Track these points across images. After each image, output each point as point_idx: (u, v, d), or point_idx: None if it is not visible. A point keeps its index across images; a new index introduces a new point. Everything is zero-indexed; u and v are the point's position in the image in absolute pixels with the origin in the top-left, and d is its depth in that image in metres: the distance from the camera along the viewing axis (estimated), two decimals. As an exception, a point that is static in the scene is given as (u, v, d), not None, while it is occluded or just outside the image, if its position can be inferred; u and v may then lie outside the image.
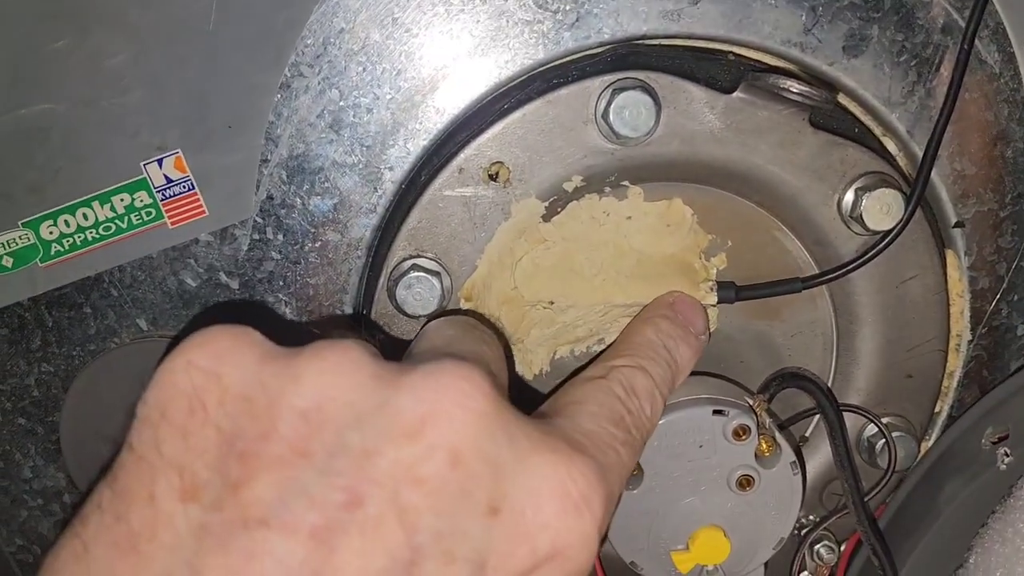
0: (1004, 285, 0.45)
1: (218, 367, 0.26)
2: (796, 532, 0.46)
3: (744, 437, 0.40)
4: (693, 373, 0.43)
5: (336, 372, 0.26)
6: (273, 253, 0.42)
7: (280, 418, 0.25)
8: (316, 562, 0.23)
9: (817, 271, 0.43)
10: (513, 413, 0.27)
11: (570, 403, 0.33)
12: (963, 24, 0.41)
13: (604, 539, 0.34)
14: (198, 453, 0.25)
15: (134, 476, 0.25)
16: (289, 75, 0.40)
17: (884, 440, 0.44)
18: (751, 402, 0.40)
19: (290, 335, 0.28)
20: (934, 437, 0.47)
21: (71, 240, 0.42)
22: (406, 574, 0.24)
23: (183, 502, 0.24)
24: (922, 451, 0.46)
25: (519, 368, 0.44)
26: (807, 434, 0.47)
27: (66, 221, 0.42)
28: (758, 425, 0.40)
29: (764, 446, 0.40)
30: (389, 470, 0.24)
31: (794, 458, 0.40)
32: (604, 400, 0.34)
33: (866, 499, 0.44)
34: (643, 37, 0.41)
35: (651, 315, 0.41)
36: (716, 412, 0.39)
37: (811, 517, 0.47)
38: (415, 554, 0.24)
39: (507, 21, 0.40)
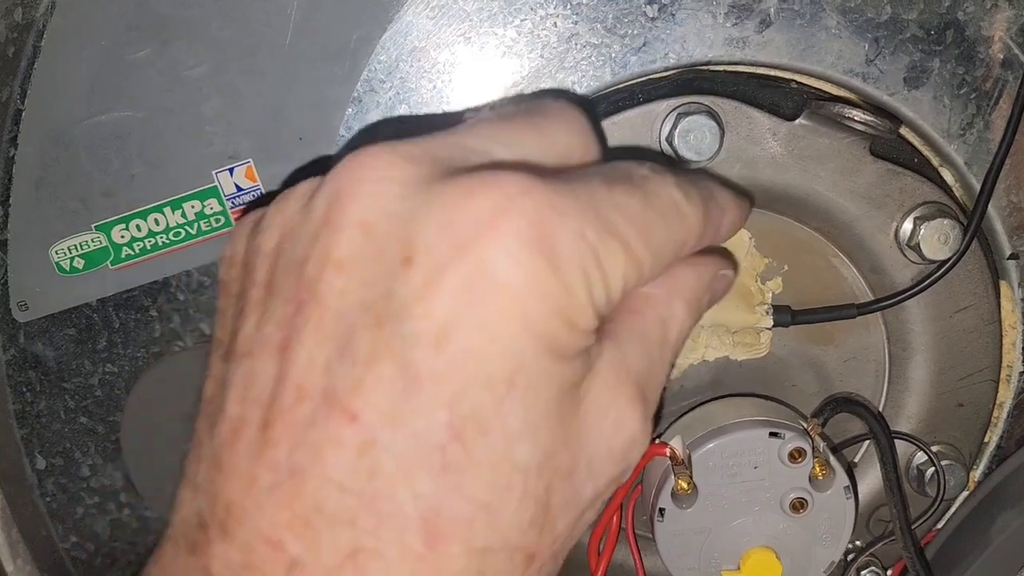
0: (1056, 318, 0.46)
1: (232, 249, 0.31)
2: (842, 557, 0.47)
3: (799, 460, 0.40)
4: (748, 395, 0.44)
5: (283, 208, 0.29)
6: (337, 263, 0.43)
7: (257, 266, 0.28)
8: (281, 369, 0.26)
9: (872, 298, 0.44)
10: (431, 166, 0.26)
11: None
12: (1023, 59, 0.42)
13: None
14: (224, 322, 0.30)
15: (209, 358, 0.31)
16: (361, 90, 0.41)
17: (933, 468, 0.45)
18: (806, 426, 0.41)
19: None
20: (982, 467, 0.48)
21: (142, 244, 0.43)
22: (347, 350, 0.25)
23: (220, 363, 0.29)
24: (971, 481, 0.46)
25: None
26: (856, 460, 0.47)
27: (138, 226, 0.43)
28: (813, 449, 0.40)
29: (818, 470, 0.40)
30: (315, 264, 0.26)
31: (848, 483, 0.41)
32: (603, 166, 0.30)
33: (913, 527, 0.44)
34: (708, 63, 0.42)
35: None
36: (772, 434, 0.40)
37: (857, 542, 0.47)
38: (350, 330, 0.25)
39: (576, 44, 0.41)
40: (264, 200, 0.42)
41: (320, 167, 0.36)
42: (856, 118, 0.40)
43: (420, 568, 0.25)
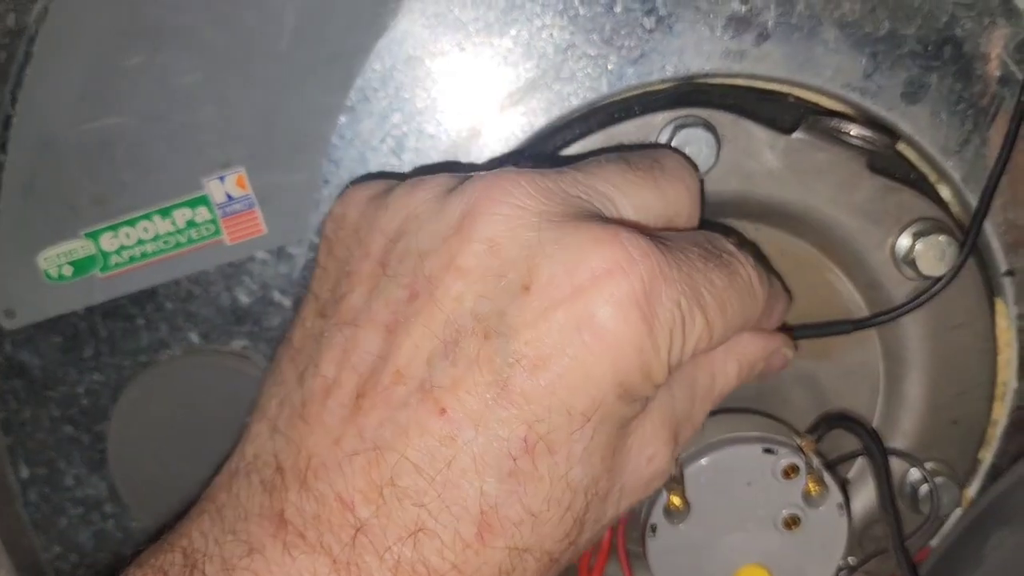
0: (1052, 335, 0.46)
1: (344, 210, 0.34)
2: (835, 574, 0.46)
3: (793, 476, 0.40)
4: (742, 410, 0.43)
5: (412, 195, 0.31)
6: (329, 273, 0.43)
7: (372, 241, 0.31)
8: (387, 346, 0.29)
9: (868, 314, 0.44)
10: (560, 204, 0.29)
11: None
12: (1020, 76, 0.42)
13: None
14: (325, 280, 0.33)
15: (302, 310, 0.34)
16: (355, 99, 0.41)
17: (927, 485, 0.44)
18: (800, 442, 0.40)
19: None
20: (976, 485, 0.47)
21: (131, 252, 0.42)
22: (451, 350, 0.28)
23: (315, 318, 0.32)
24: (964, 498, 0.46)
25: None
26: (849, 476, 0.47)
27: (127, 233, 0.42)
28: (807, 465, 0.40)
29: (812, 486, 0.40)
30: (437, 263, 0.29)
31: (841, 500, 0.40)
32: (683, 233, 0.33)
33: (906, 543, 0.44)
34: (706, 76, 0.41)
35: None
36: (766, 451, 0.39)
37: (850, 559, 0.47)
38: (457, 333, 0.28)
39: (572, 55, 0.41)
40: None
41: (451, 168, 0.39)
42: (853, 133, 0.40)
43: (466, 555, 0.28)
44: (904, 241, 0.42)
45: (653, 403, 0.32)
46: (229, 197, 0.42)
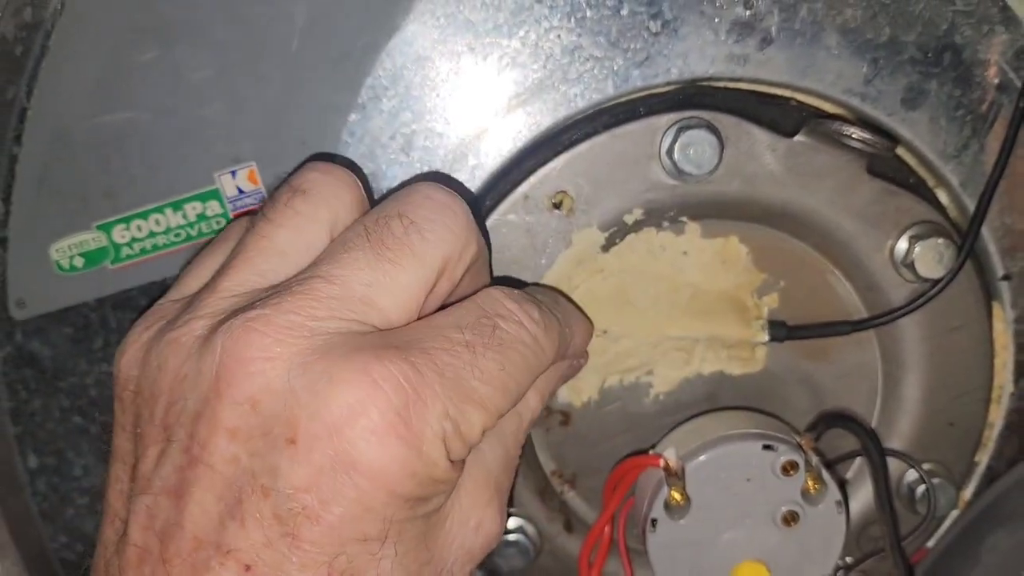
0: (1048, 339, 0.46)
1: (126, 371, 0.32)
2: (831, 573, 0.47)
3: (792, 473, 0.40)
4: (743, 408, 0.44)
5: (175, 352, 0.30)
6: (337, 268, 0.43)
7: (152, 400, 0.31)
8: (179, 513, 0.29)
9: (867, 315, 0.44)
10: (312, 342, 0.29)
11: (425, 319, 0.32)
12: (1019, 83, 0.43)
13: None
14: (124, 440, 0.32)
15: (111, 465, 0.33)
16: (365, 97, 0.42)
17: (924, 486, 0.45)
18: (799, 440, 0.41)
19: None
20: (972, 487, 0.48)
21: (142, 244, 0.43)
22: (236, 511, 0.28)
23: (126, 479, 0.31)
24: (961, 500, 0.47)
25: (567, 395, 0.45)
26: (847, 476, 0.47)
27: (139, 226, 0.43)
28: (806, 462, 0.40)
29: (811, 484, 0.40)
30: (207, 427, 0.29)
31: (839, 497, 0.41)
32: (458, 311, 0.32)
33: (903, 544, 0.44)
34: (709, 79, 0.42)
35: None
36: (766, 447, 0.40)
37: (847, 559, 0.47)
38: (239, 493, 0.28)
39: (579, 57, 0.42)
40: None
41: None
42: (855, 136, 0.40)
43: None
44: (903, 244, 0.43)
45: (463, 475, 0.32)
46: (240, 191, 0.42)
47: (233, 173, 0.42)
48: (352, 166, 0.41)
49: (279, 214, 0.33)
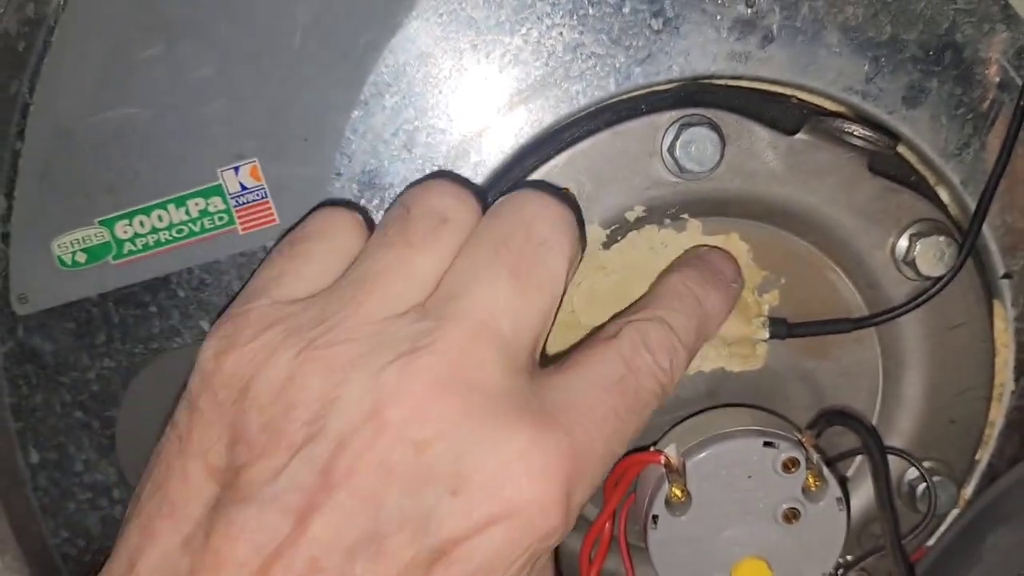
0: (1049, 338, 0.46)
1: (234, 368, 0.31)
2: (832, 571, 0.47)
3: (793, 470, 0.40)
4: (744, 405, 0.44)
5: (325, 369, 0.30)
6: (338, 264, 0.43)
7: (277, 414, 0.29)
8: (299, 532, 0.28)
9: (867, 313, 0.44)
10: (487, 400, 0.29)
11: (572, 366, 0.34)
12: (1019, 82, 0.43)
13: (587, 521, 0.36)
14: (216, 440, 0.30)
15: (174, 454, 0.31)
16: (367, 94, 0.42)
17: (925, 484, 0.45)
18: (800, 436, 0.41)
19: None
20: (973, 485, 0.48)
21: (144, 240, 0.43)
22: (372, 546, 0.28)
23: (206, 482, 0.30)
24: (961, 498, 0.47)
25: (568, 392, 0.45)
26: (848, 474, 0.47)
27: (141, 222, 0.43)
28: (807, 459, 0.40)
29: (811, 481, 0.40)
30: (358, 458, 0.28)
31: (840, 494, 0.41)
32: (603, 364, 0.33)
33: (904, 542, 0.44)
34: (711, 77, 0.42)
35: (676, 264, 0.41)
36: (767, 444, 0.40)
37: (848, 557, 0.47)
38: (380, 531, 0.28)
39: (581, 54, 0.42)
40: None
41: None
42: (856, 133, 0.40)
43: None
44: (904, 242, 0.43)
45: None
46: (243, 187, 0.43)
47: (236, 169, 0.42)
48: (461, 179, 0.41)
49: (422, 240, 0.32)
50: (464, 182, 0.35)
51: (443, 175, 0.42)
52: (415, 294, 0.32)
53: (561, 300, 0.33)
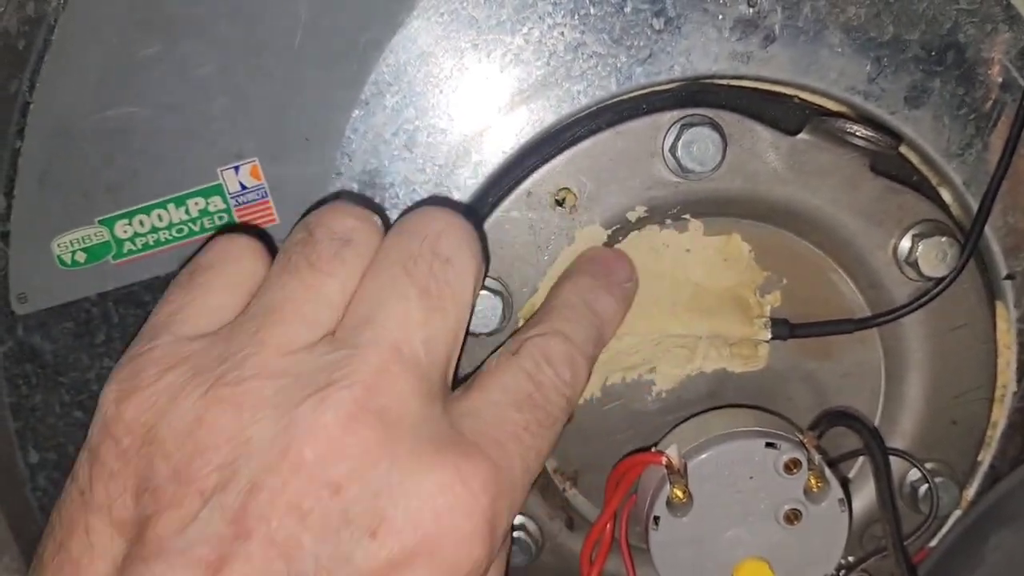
0: (1051, 339, 0.46)
1: (135, 414, 0.29)
2: (834, 572, 0.47)
3: (795, 471, 0.40)
4: (745, 406, 0.44)
5: (233, 410, 0.28)
6: (339, 264, 0.43)
7: (189, 463, 0.28)
8: None
9: (869, 314, 0.44)
10: (402, 434, 0.29)
11: (480, 387, 0.33)
12: (1022, 82, 0.43)
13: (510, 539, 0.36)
14: (121, 491, 0.28)
15: (74, 510, 0.29)
16: (368, 93, 0.42)
17: (927, 485, 0.45)
18: (802, 437, 0.41)
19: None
20: (975, 486, 0.48)
21: (144, 240, 0.43)
22: None
23: (112, 537, 0.28)
24: (963, 499, 0.47)
25: (569, 392, 0.45)
26: (850, 475, 0.47)
27: (141, 221, 0.43)
28: (808, 460, 0.40)
29: (813, 482, 0.40)
30: (272, 503, 0.27)
31: (842, 495, 0.41)
32: (510, 382, 0.33)
33: (906, 543, 0.44)
34: (712, 76, 0.42)
35: (569, 272, 0.41)
36: (768, 445, 0.40)
37: (850, 558, 0.47)
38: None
39: (582, 53, 0.42)
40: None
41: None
42: (858, 133, 0.40)
43: None
44: (906, 242, 0.42)
45: None
46: (243, 187, 0.42)
47: (236, 169, 0.42)
48: (363, 200, 0.41)
49: (327, 263, 0.31)
50: (364, 201, 0.34)
51: (344, 195, 0.42)
52: (324, 320, 0.31)
53: (469, 319, 0.33)
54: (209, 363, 0.30)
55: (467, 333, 0.34)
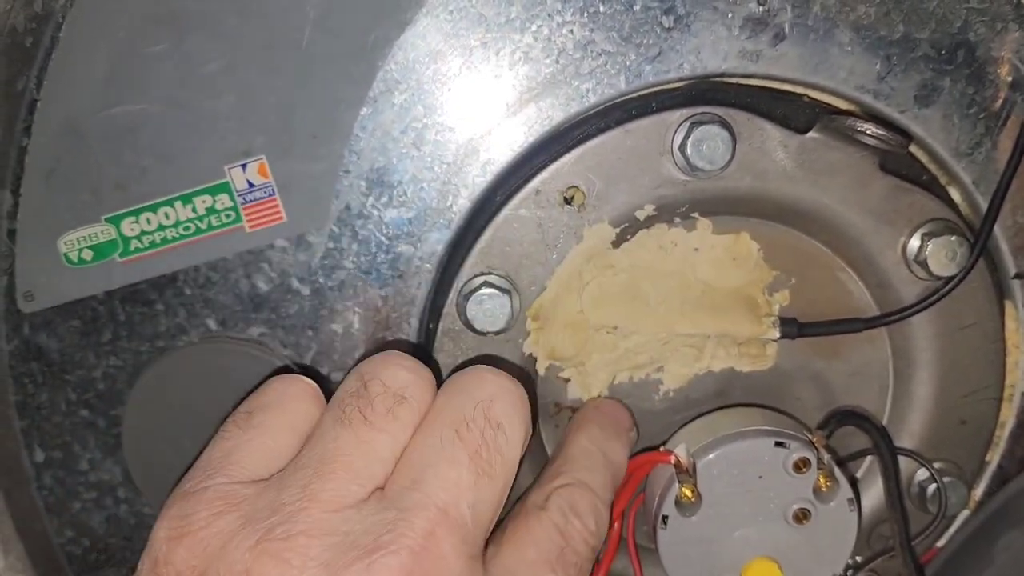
0: (1059, 339, 0.46)
1: (187, 555, 0.29)
2: (842, 572, 0.46)
3: (804, 470, 0.40)
4: (754, 405, 0.44)
5: (282, 568, 0.28)
6: (346, 262, 0.43)
7: None
8: None
9: (878, 313, 0.44)
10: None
11: (514, 545, 0.35)
12: (1032, 81, 0.43)
13: None
14: None
15: None
16: (377, 91, 0.42)
17: (935, 485, 0.45)
18: (811, 437, 0.41)
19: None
20: (983, 486, 0.48)
21: (151, 238, 0.43)
22: None
23: None
24: (971, 499, 0.47)
25: (577, 391, 0.45)
26: (858, 475, 0.47)
27: (148, 219, 0.43)
28: (818, 460, 0.40)
29: (822, 481, 0.40)
30: None
31: (851, 495, 0.41)
32: (542, 539, 0.35)
33: (914, 543, 0.44)
34: (722, 75, 0.42)
35: (579, 422, 0.43)
36: (778, 444, 0.40)
37: (857, 558, 0.47)
38: None
39: (591, 51, 0.41)
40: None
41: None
42: (869, 132, 0.40)
43: None
44: (915, 241, 0.42)
45: None
46: (250, 184, 0.42)
47: (243, 166, 0.42)
48: (415, 350, 0.43)
49: (380, 420, 0.32)
50: (416, 350, 0.36)
51: (399, 344, 0.43)
52: (375, 475, 0.31)
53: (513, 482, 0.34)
54: (260, 512, 0.30)
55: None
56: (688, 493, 0.40)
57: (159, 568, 0.29)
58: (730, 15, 0.41)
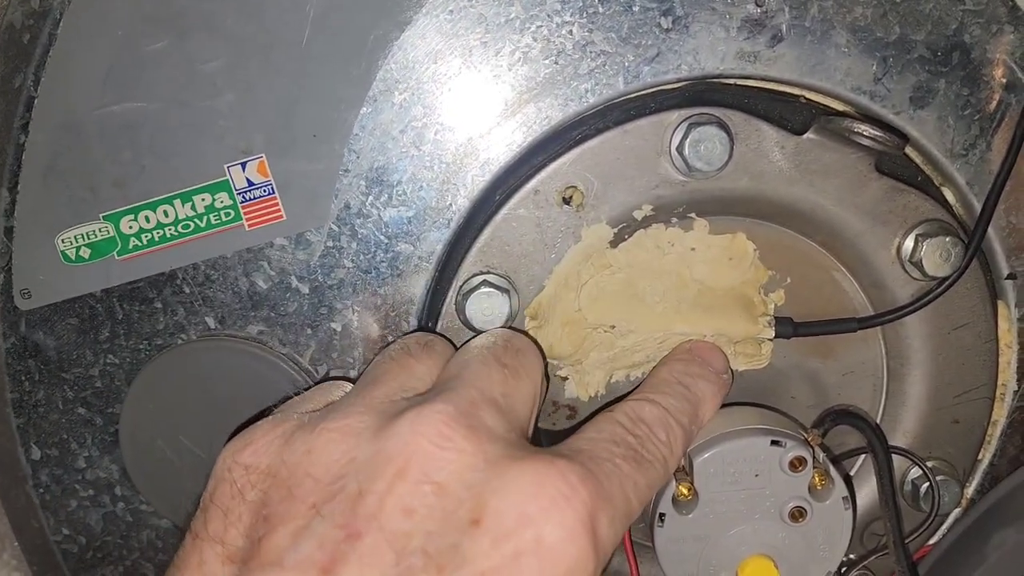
0: (1051, 339, 0.47)
1: (252, 459, 0.33)
2: (836, 570, 0.47)
3: (800, 469, 0.40)
4: (750, 404, 0.44)
5: (340, 437, 0.32)
6: (345, 261, 0.43)
7: (299, 484, 0.31)
8: None
9: (872, 312, 0.44)
10: (494, 443, 0.32)
11: (574, 436, 0.36)
12: (1026, 83, 0.43)
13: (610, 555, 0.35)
14: (235, 524, 0.31)
15: (189, 550, 0.32)
16: (376, 90, 0.42)
17: (928, 483, 0.45)
18: (807, 436, 0.41)
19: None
20: (975, 484, 0.48)
21: (150, 236, 0.43)
22: None
23: (223, 564, 0.31)
24: (964, 497, 0.47)
25: (574, 389, 0.45)
26: (852, 473, 0.48)
27: (147, 217, 0.43)
28: (813, 458, 0.40)
29: (818, 480, 0.40)
30: (380, 504, 0.29)
31: (846, 493, 0.41)
32: (604, 426, 0.36)
33: (907, 541, 0.45)
34: (719, 76, 0.42)
35: (666, 359, 0.43)
36: (774, 443, 0.40)
37: (851, 555, 0.47)
38: (409, 569, 0.28)
39: (590, 52, 0.42)
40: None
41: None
42: (865, 133, 0.41)
43: None
44: (910, 242, 0.43)
45: None
46: (250, 183, 0.42)
47: (243, 165, 0.42)
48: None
49: (419, 351, 0.38)
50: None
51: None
52: (415, 386, 0.36)
53: (539, 405, 0.38)
54: (314, 418, 0.34)
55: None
56: (685, 491, 0.40)
57: (224, 474, 0.33)
58: (728, 16, 0.42)
